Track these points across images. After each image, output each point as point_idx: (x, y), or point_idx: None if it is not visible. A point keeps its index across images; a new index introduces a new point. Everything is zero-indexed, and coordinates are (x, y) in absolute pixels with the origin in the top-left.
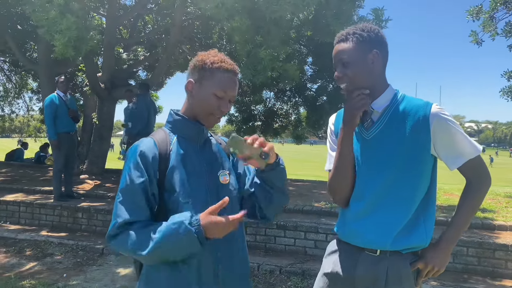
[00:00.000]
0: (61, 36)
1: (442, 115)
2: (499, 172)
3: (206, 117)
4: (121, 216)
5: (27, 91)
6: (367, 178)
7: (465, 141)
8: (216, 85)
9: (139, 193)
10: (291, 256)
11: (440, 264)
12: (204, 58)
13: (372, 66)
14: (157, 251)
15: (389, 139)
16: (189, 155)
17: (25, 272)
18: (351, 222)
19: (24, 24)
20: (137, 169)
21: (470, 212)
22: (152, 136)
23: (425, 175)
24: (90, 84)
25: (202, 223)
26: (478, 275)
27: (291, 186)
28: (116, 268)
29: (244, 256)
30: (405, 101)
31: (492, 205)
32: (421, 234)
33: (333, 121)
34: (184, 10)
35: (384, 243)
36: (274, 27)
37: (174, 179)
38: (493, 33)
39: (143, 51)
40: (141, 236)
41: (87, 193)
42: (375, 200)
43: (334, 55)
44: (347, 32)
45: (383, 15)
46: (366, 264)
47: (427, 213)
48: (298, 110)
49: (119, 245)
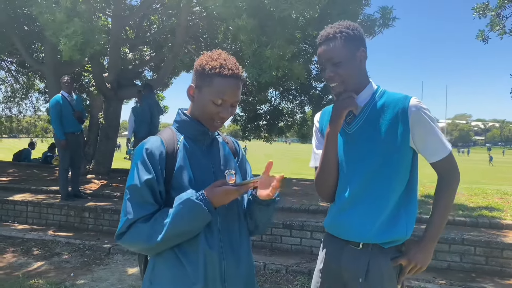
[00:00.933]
0: (68, 40)
1: (421, 108)
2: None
3: (207, 122)
4: (131, 213)
5: (34, 91)
6: (349, 171)
7: (440, 138)
8: (214, 92)
9: (146, 190)
10: (297, 255)
11: (422, 261)
12: (203, 62)
13: (360, 64)
14: (171, 233)
15: (370, 132)
16: (196, 154)
17: (33, 271)
18: (335, 215)
19: (31, 25)
20: (144, 167)
21: (447, 208)
22: (159, 135)
23: (404, 167)
24: (96, 84)
25: (206, 193)
26: (486, 274)
27: (297, 186)
28: (123, 267)
29: (250, 259)
30: (385, 96)
31: (500, 204)
32: (401, 227)
33: (318, 119)
34: (189, 10)
35: (367, 235)
36: (280, 27)
37: (182, 178)
38: (501, 31)
39: (149, 51)
40: (152, 225)
41: (94, 193)
42: (357, 193)
43: (322, 54)
44: (334, 31)
45: (391, 13)
46: (349, 257)
47: (408, 205)
48: (304, 109)
49: (130, 240)
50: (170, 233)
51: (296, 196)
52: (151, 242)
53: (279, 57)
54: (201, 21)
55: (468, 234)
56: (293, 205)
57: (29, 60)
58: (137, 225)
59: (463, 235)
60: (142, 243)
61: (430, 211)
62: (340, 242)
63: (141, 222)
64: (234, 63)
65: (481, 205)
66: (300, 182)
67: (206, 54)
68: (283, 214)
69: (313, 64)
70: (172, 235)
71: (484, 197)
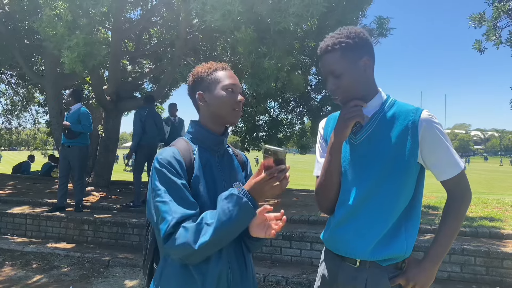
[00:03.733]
0: (70, 52)
1: (433, 122)
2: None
3: (230, 114)
4: (176, 212)
5: (34, 104)
6: (351, 183)
7: (451, 155)
8: (224, 81)
9: (183, 190)
10: (297, 267)
11: (423, 282)
12: (199, 71)
13: (365, 73)
14: (219, 233)
15: (376, 144)
16: (210, 165)
17: (32, 284)
18: (333, 229)
19: (31, 38)
20: (173, 173)
21: (455, 228)
22: (174, 145)
23: (410, 183)
24: (96, 97)
25: (247, 188)
26: (487, 284)
27: (297, 196)
28: (122, 280)
29: (253, 270)
30: (395, 106)
31: (500, 214)
32: (401, 244)
33: (323, 126)
34: (188, 22)
35: (363, 252)
36: (279, 38)
37: (198, 188)
38: (497, 41)
39: (149, 63)
40: (198, 226)
41: (93, 205)
42: (357, 207)
43: (323, 67)
44: (332, 42)
45: (388, 23)
46: (345, 275)
47: (409, 223)
48: (303, 120)
49: (176, 242)
50: (218, 233)
51: (296, 207)
52: (198, 244)
53: (278, 68)
54: (200, 34)
55: (468, 244)
56: (293, 216)
57: (29, 73)
58: (184, 227)
59: (463, 245)
60: (189, 245)
61: (438, 228)
62: (337, 258)
63: (189, 222)
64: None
65: (481, 215)
66: (300, 193)
67: (196, 67)
68: None
69: (312, 75)
70: (220, 234)
71: (484, 207)
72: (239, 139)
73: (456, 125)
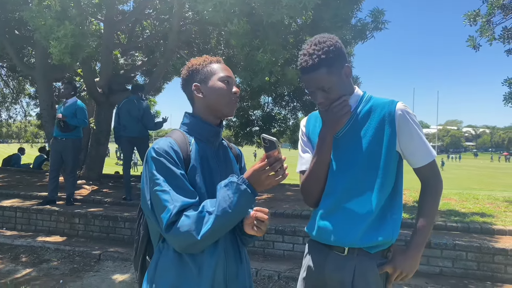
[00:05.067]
0: (58, 43)
1: (407, 112)
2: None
3: (227, 105)
4: (177, 200)
5: (25, 96)
6: (336, 176)
7: (426, 143)
8: (219, 72)
9: (182, 179)
10: (290, 261)
11: (409, 269)
12: (194, 63)
13: (347, 79)
14: (220, 220)
15: (356, 137)
16: (207, 157)
17: (21, 278)
18: (320, 219)
19: (22, 29)
20: (171, 162)
21: (432, 214)
22: (170, 136)
23: (391, 171)
24: (88, 89)
25: (245, 176)
26: (478, 279)
27: (289, 191)
28: (113, 274)
29: (248, 261)
30: (371, 101)
31: (491, 209)
32: (388, 230)
33: (305, 124)
34: (182, 15)
35: (353, 239)
36: (272, 32)
37: (194, 179)
38: (491, 38)
39: (141, 56)
40: (200, 214)
41: (84, 199)
42: (342, 197)
43: (309, 83)
44: (317, 60)
45: (383, 16)
46: (333, 264)
47: (393, 209)
48: (296, 115)
49: (179, 230)
50: (219, 221)
51: (289, 201)
52: (201, 232)
53: (272, 62)
54: (194, 26)
55: (460, 240)
56: (285, 210)
57: (19, 65)
58: (186, 216)
59: (455, 241)
60: (191, 234)
61: (416, 218)
62: (324, 249)
63: (190, 211)
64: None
65: (473, 211)
66: (293, 188)
67: (190, 60)
68: (275, 219)
69: None
70: (222, 221)
71: (476, 203)
72: (233, 134)
73: (448, 121)
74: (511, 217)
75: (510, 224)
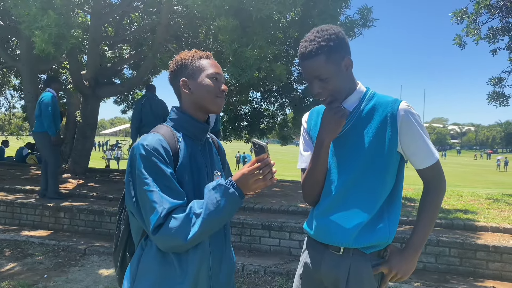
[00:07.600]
0: (41, 32)
1: (411, 112)
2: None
3: (213, 102)
4: (166, 202)
5: (9, 88)
6: (335, 174)
7: (429, 144)
8: (208, 69)
9: (171, 179)
10: (276, 256)
11: (405, 271)
12: (183, 57)
13: (347, 72)
14: (207, 223)
15: (357, 136)
16: (195, 153)
17: (5, 273)
18: (317, 218)
19: (6, 20)
20: (161, 161)
21: (433, 217)
22: (157, 132)
23: (391, 172)
24: (74, 82)
25: (234, 179)
26: (460, 275)
27: (276, 187)
28: (98, 268)
29: (233, 257)
30: (374, 98)
31: (474, 206)
32: (384, 231)
33: (306, 119)
34: (170, 8)
35: (347, 239)
36: (261, 28)
37: (183, 176)
38: (477, 37)
39: (129, 49)
40: (187, 217)
41: (70, 193)
42: (341, 196)
43: (307, 71)
44: (315, 47)
45: (370, 14)
46: (329, 263)
47: (391, 210)
48: (285, 111)
49: (168, 233)
50: (206, 223)
51: (276, 197)
52: (188, 235)
53: (260, 57)
54: (182, 20)
55: (444, 236)
56: (272, 206)
57: (4, 56)
58: (173, 218)
59: (438, 237)
60: (178, 236)
61: (416, 218)
62: (321, 247)
63: (176, 214)
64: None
65: (456, 207)
66: (280, 183)
67: (175, 58)
68: (262, 215)
69: (294, 66)
70: (209, 223)
71: (459, 199)
72: (221, 129)
73: (434, 119)
74: (493, 214)
75: (492, 221)
